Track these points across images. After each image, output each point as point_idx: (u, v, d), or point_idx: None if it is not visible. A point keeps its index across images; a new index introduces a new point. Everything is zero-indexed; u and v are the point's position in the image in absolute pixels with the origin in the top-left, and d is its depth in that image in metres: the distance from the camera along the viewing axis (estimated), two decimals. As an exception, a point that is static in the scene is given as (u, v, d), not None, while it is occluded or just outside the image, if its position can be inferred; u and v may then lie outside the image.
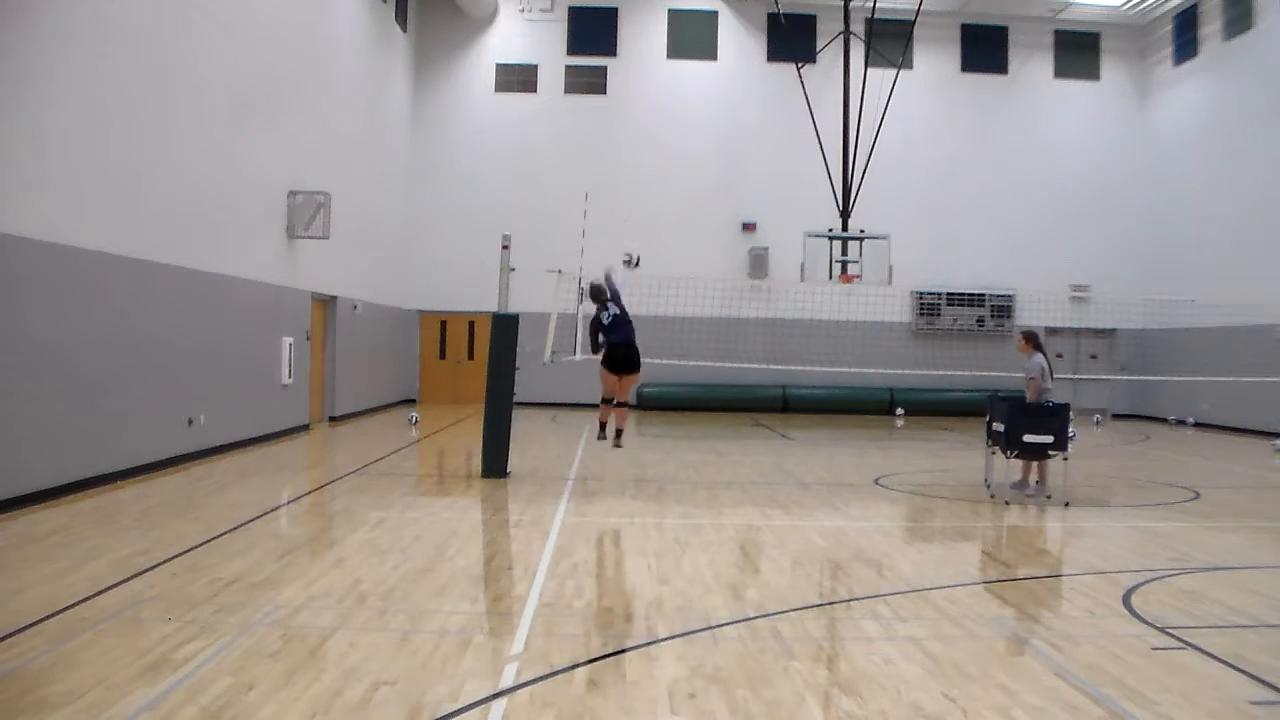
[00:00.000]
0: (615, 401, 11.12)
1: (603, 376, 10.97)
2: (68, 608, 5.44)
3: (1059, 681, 4.67)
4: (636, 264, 12.21)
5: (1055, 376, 10.70)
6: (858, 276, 18.36)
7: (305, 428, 15.70)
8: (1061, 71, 24.11)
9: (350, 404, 18.27)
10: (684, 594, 6.18)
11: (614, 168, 23.04)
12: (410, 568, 6.70)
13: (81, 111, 9.24)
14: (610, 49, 23.57)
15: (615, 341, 10.64)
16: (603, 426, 11.48)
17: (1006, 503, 10.03)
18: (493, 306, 11.51)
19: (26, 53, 8.37)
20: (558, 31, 23.46)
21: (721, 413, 22.07)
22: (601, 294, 10.78)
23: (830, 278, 18.32)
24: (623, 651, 5.00)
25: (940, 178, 23.49)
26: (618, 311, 10.70)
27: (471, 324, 22.92)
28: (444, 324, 23.39)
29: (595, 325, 10.72)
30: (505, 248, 11.58)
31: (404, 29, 21.97)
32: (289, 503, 9.64)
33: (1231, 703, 4.43)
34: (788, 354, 19.96)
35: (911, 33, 21.11)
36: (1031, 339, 10.82)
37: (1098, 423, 21.48)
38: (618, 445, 11.45)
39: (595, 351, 10.75)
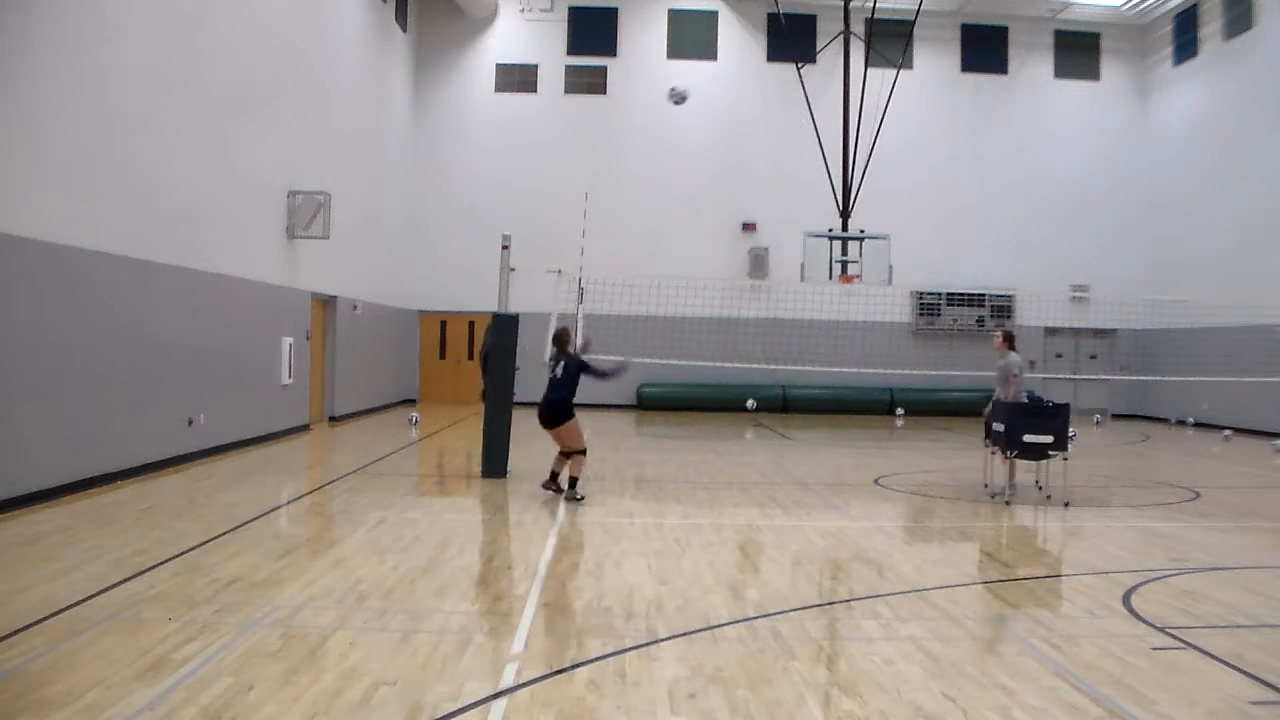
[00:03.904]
0: (561, 451, 10.06)
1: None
2: (68, 608, 5.44)
3: (1059, 681, 4.67)
4: (682, 99, 11.51)
5: (1056, 377, 10.78)
6: (858, 276, 18.38)
7: (305, 428, 15.70)
8: (1061, 71, 24.10)
9: (350, 404, 18.27)
10: (684, 594, 6.18)
11: (614, 168, 23.03)
12: (410, 568, 6.70)
13: (81, 111, 9.23)
14: (610, 49, 23.56)
15: (544, 396, 9.93)
16: (553, 475, 10.02)
17: (1007, 503, 10.03)
18: (493, 306, 11.52)
19: (26, 53, 8.37)
20: (558, 31, 23.46)
21: (721, 413, 22.06)
22: (564, 344, 10.16)
23: (830, 278, 18.34)
24: (623, 651, 5.00)
25: (940, 178, 23.48)
26: (556, 376, 9.92)
27: (471, 324, 22.90)
28: (444, 324, 23.39)
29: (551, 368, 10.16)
30: (505, 248, 11.58)
31: (404, 29, 21.97)
32: (289, 503, 9.63)
33: (1231, 703, 4.42)
34: (788, 354, 19.97)
35: (911, 33, 21.12)
36: (1009, 339, 10.92)
37: (1098, 423, 21.47)
38: (574, 497, 9.66)
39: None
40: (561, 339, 10.21)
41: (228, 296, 12.63)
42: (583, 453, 9.91)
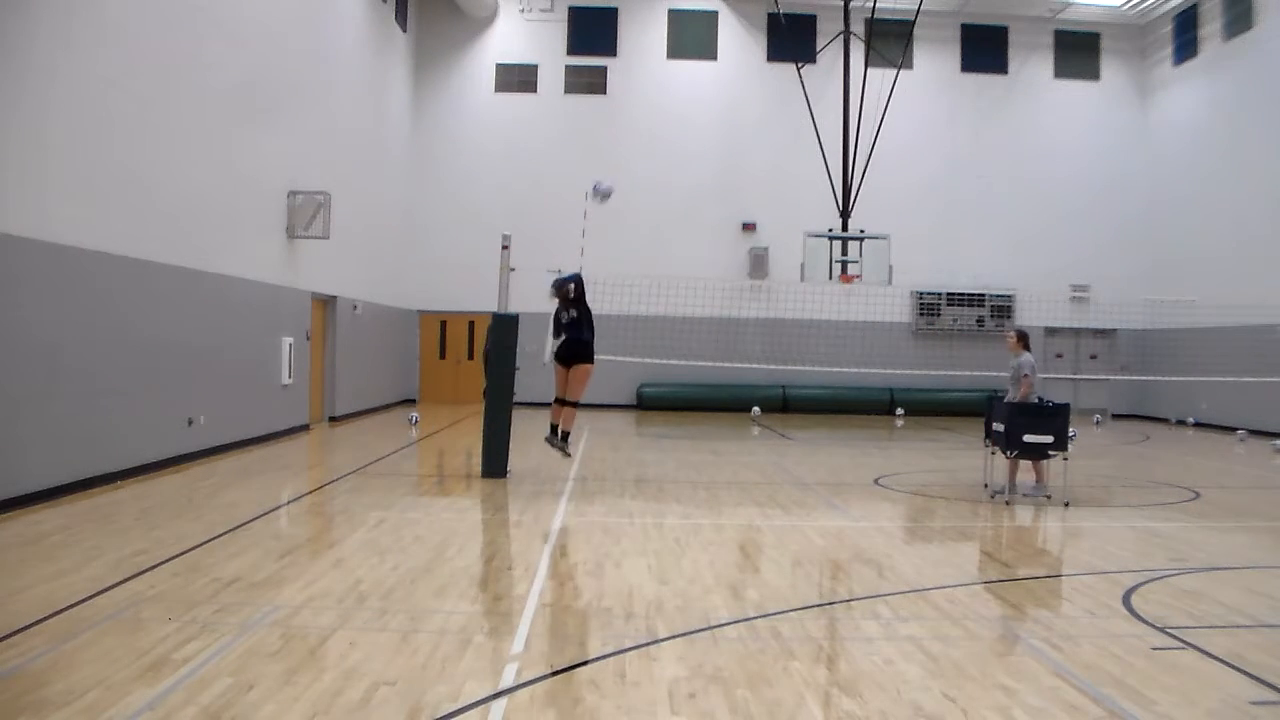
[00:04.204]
0: (564, 400, 10.75)
1: (555, 371, 10.85)
2: (68, 608, 5.44)
3: (1059, 681, 4.67)
4: (606, 196, 11.87)
5: (1056, 377, 10.81)
6: (858, 276, 18.38)
7: (305, 428, 15.70)
8: (1061, 71, 24.10)
9: (350, 404, 18.27)
10: (684, 594, 6.18)
11: (614, 168, 22.88)
12: (410, 568, 6.69)
13: (82, 112, 9.24)
14: (610, 49, 23.57)
15: (564, 339, 10.60)
16: (553, 428, 10.85)
17: (1007, 503, 10.04)
18: (493, 306, 11.52)
19: (27, 53, 8.37)
20: (558, 31, 23.46)
21: (721, 413, 22.06)
22: (565, 292, 10.67)
23: (830, 278, 18.33)
24: (623, 651, 5.00)
25: (940, 178, 23.49)
26: (575, 315, 10.58)
27: (471, 324, 22.91)
28: (444, 324, 23.40)
29: (555, 322, 10.79)
30: (505, 248, 11.58)
31: (404, 29, 21.97)
32: (289, 503, 9.63)
33: (1231, 703, 4.42)
34: (788, 354, 19.97)
35: (911, 33, 21.12)
36: (1024, 338, 10.94)
37: (1098, 423, 21.48)
38: (565, 452, 10.89)
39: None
40: (560, 287, 10.66)
41: (228, 296, 12.63)
42: (576, 405, 10.66)
